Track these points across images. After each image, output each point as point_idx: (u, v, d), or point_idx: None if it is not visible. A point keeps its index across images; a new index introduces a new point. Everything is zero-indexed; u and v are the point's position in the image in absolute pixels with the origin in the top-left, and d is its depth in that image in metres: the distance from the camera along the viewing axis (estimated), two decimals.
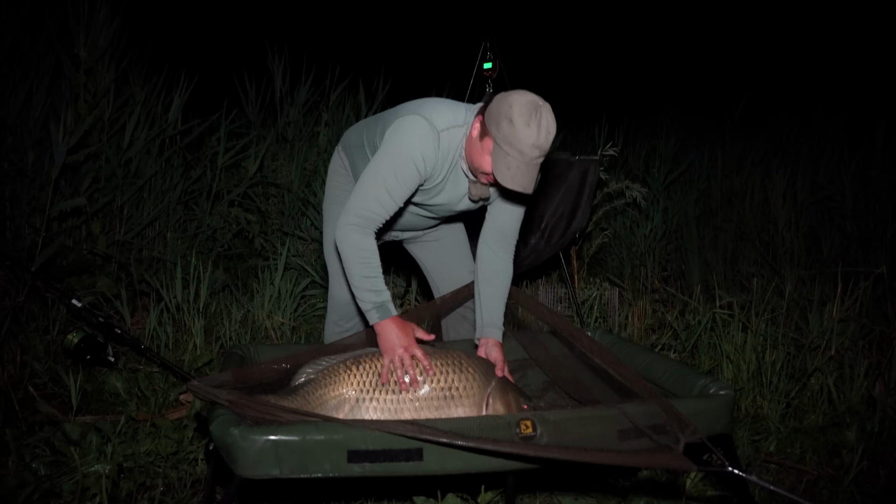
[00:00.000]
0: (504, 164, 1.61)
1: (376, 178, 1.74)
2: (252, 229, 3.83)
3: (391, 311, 1.74)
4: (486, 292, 1.98)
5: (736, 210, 4.49)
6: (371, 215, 1.74)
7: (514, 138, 1.58)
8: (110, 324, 2.38)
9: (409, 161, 1.73)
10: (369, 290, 1.74)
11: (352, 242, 1.73)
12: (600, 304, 3.48)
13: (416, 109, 1.79)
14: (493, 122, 1.62)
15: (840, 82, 7.28)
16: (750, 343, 2.83)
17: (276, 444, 1.32)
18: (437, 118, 1.76)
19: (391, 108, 1.98)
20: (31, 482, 1.87)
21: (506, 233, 1.96)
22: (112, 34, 3.38)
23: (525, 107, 1.59)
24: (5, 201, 3.10)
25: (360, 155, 2.01)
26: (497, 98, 1.65)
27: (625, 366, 1.77)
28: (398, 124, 1.77)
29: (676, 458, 1.40)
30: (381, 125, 1.89)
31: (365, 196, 1.74)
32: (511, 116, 1.58)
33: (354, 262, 1.73)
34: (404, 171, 1.73)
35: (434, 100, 1.87)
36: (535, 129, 1.59)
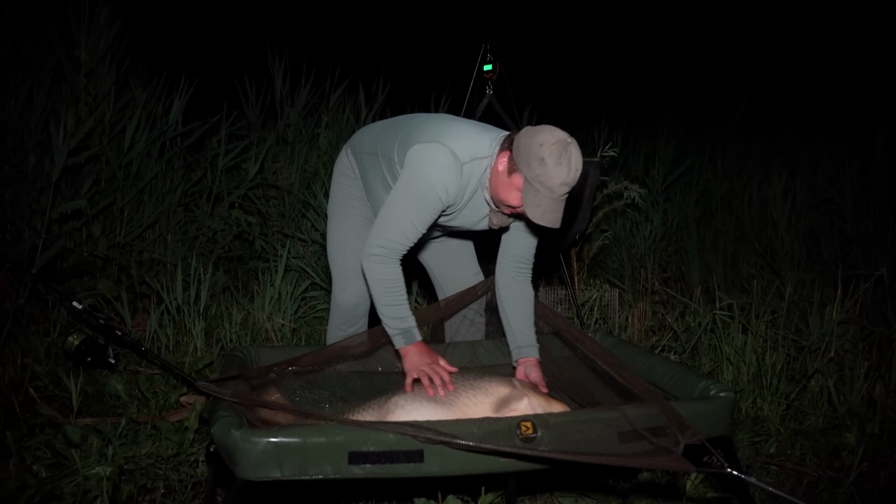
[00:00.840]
0: (534, 201, 1.65)
1: (400, 210, 1.77)
2: (252, 231, 3.83)
3: (416, 336, 1.81)
4: (515, 315, 2.02)
5: (735, 212, 4.49)
6: (396, 246, 1.78)
7: (545, 177, 1.62)
8: (111, 326, 2.37)
9: (433, 192, 1.74)
10: (394, 318, 1.79)
11: (377, 273, 1.78)
12: (600, 305, 3.48)
13: (439, 137, 1.77)
14: (523, 160, 1.65)
15: (839, 85, 7.29)
16: (750, 345, 2.83)
17: (278, 446, 1.33)
18: (461, 149, 1.76)
19: (408, 119, 1.98)
20: (32, 484, 1.87)
21: (524, 259, 2.01)
22: (113, 37, 3.39)
23: (555, 146, 1.62)
24: (6, 203, 3.10)
25: (371, 163, 2.01)
26: (525, 135, 1.67)
27: (625, 368, 1.78)
28: (421, 152, 1.76)
29: (676, 460, 1.40)
30: (398, 139, 1.88)
31: (390, 228, 1.77)
32: (542, 156, 1.61)
33: (379, 292, 1.79)
34: (427, 202, 1.75)
35: (457, 125, 1.86)
36: (566, 167, 1.62)
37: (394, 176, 1.90)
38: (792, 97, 6.71)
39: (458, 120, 1.93)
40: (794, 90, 7.24)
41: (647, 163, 4.78)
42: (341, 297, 2.17)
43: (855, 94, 6.63)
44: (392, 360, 2.10)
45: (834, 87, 7.16)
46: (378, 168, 1.97)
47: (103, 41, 3.34)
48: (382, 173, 1.96)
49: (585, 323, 3.30)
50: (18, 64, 3.29)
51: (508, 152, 1.72)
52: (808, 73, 7.83)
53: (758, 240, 4.30)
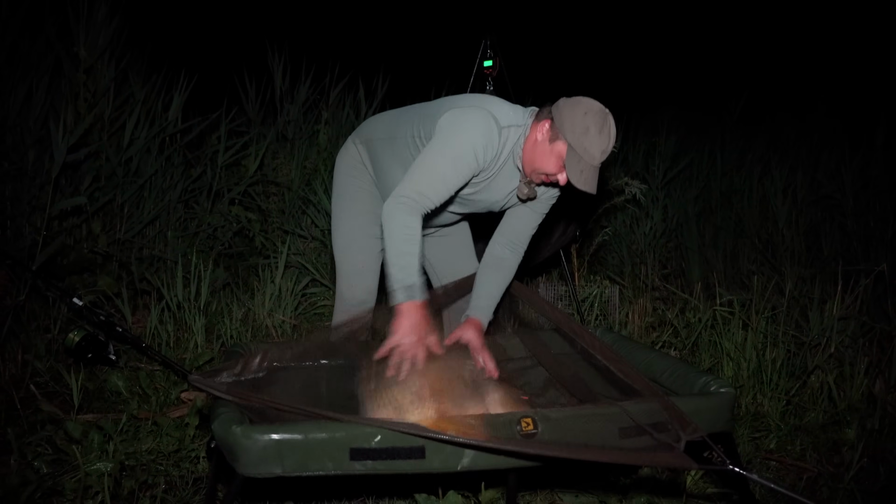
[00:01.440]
0: (578, 168, 1.71)
1: (434, 164, 1.74)
2: (252, 228, 3.83)
3: (417, 294, 1.70)
4: (484, 279, 2.01)
5: (735, 208, 4.49)
6: (423, 199, 1.73)
7: (589, 145, 1.70)
8: (111, 322, 2.37)
9: (471, 151, 1.74)
10: (403, 268, 1.69)
11: (400, 219, 1.70)
12: (601, 301, 3.48)
13: (479, 103, 1.81)
14: (567, 128, 1.70)
15: (840, 81, 7.27)
16: (750, 341, 2.83)
17: (279, 442, 1.32)
18: (500, 113, 1.80)
19: (433, 101, 1.98)
20: (33, 480, 1.87)
21: (520, 234, 2.01)
22: (111, 33, 3.38)
23: (598, 115, 1.71)
24: (6, 200, 3.10)
25: (387, 147, 1.99)
26: (568, 105, 1.73)
27: (626, 363, 1.78)
28: (460, 114, 1.77)
29: (677, 457, 1.40)
30: (425, 116, 1.87)
31: (420, 180, 1.73)
32: (587, 125, 1.70)
33: (397, 238, 1.70)
34: (463, 160, 1.74)
35: (493, 97, 1.91)
36: (607, 136, 1.72)
37: (416, 151, 1.88)
38: (792, 93, 6.70)
39: (490, 95, 1.96)
40: (794, 86, 7.23)
41: (646, 158, 4.78)
42: (348, 293, 2.14)
43: (855, 90, 6.62)
44: None
45: (834, 83, 7.15)
46: (397, 150, 1.94)
47: (102, 37, 3.33)
48: (404, 155, 1.92)
49: (586, 319, 3.30)
50: (17, 60, 3.29)
51: (549, 121, 1.76)
52: (807, 68, 7.82)
53: (758, 236, 4.30)
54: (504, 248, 2.02)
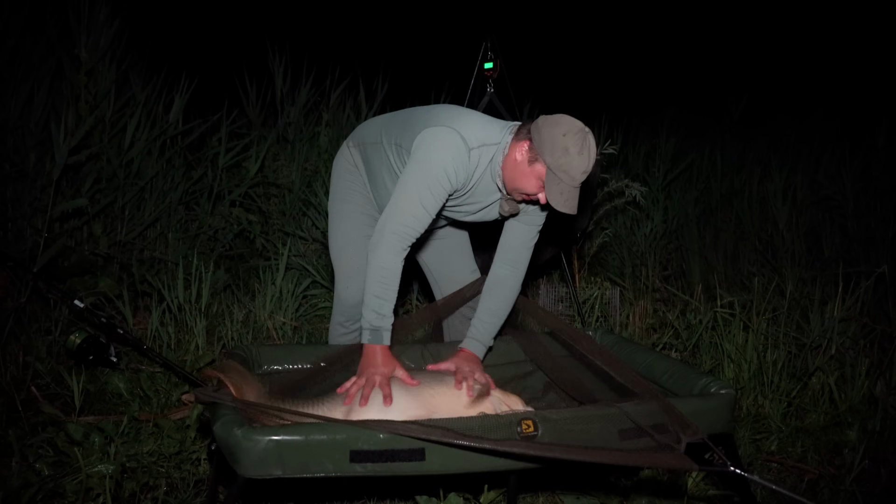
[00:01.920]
0: (557, 189, 1.69)
1: (410, 193, 1.75)
2: (253, 230, 3.83)
3: (384, 339, 1.76)
4: (483, 303, 2.00)
5: (736, 209, 4.49)
6: (407, 230, 1.76)
7: (568, 167, 1.67)
8: (112, 324, 2.38)
9: (443, 173, 1.75)
10: (373, 311, 1.76)
11: (380, 260, 1.75)
12: (601, 303, 3.48)
13: (449, 122, 1.79)
14: (547, 150, 1.68)
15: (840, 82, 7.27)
16: (751, 342, 2.83)
17: (279, 444, 1.33)
18: (470, 134, 1.78)
19: (416, 108, 1.99)
20: (34, 482, 1.87)
21: (516, 249, 1.99)
22: (112, 35, 3.38)
23: (577, 135, 1.67)
24: (7, 202, 3.10)
25: (376, 152, 2.01)
26: (546, 125, 1.70)
27: (626, 366, 1.78)
28: (430, 136, 1.77)
29: (678, 458, 1.40)
30: (407, 126, 1.89)
31: (401, 212, 1.75)
32: (566, 146, 1.66)
33: (373, 280, 1.76)
34: (437, 184, 1.75)
35: (467, 113, 1.89)
36: (586, 156, 1.68)
37: (402, 162, 1.89)
38: (792, 94, 6.70)
39: (467, 109, 1.95)
40: (794, 87, 7.23)
41: (647, 160, 4.78)
42: (345, 294, 2.15)
43: (856, 92, 6.62)
44: None
45: (834, 85, 7.15)
46: (384, 156, 1.97)
47: (103, 39, 3.34)
48: (388, 161, 1.95)
49: (586, 321, 3.30)
50: (19, 62, 3.29)
51: (528, 142, 1.74)
52: (808, 70, 7.82)
53: (758, 237, 4.30)
54: (503, 267, 2.00)
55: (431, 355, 2.14)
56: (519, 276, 2.01)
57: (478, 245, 2.33)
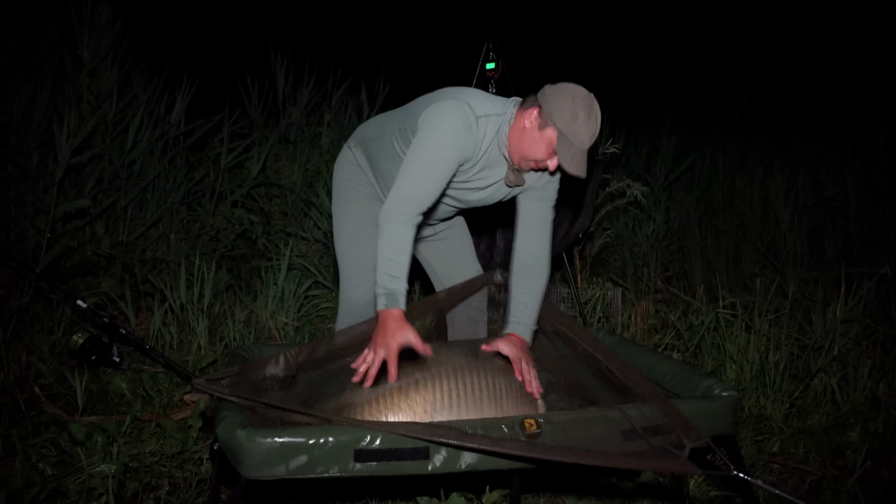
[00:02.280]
0: (569, 153, 1.73)
1: (420, 161, 1.76)
2: (255, 230, 3.84)
3: (400, 302, 1.70)
4: (517, 289, 1.96)
5: (738, 210, 4.49)
6: (419, 197, 1.76)
7: (579, 130, 1.72)
8: (115, 324, 2.39)
9: (452, 139, 1.76)
10: (386, 273, 1.71)
11: (392, 227, 1.74)
12: (603, 304, 3.48)
13: (456, 94, 1.83)
14: (557, 116, 1.72)
15: (842, 83, 7.27)
16: (753, 343, 2.83)
17: (282, 444, 1.33)
18: (477, 105, 1.82)
19: (419, 98, 1.99)
20: (37, 482, 1.87)
21: (535, 227, 1.97)
22: (115, 36, 3.39)
23: (585, 100, 1.73)
24: (10, 203, 3.11)
25: (380, 146, 2.01)
26: (554, 93, 1.75)
27: (629, 367, 1.78)
28: (437, 108, 1.79)
29: (681, 463, 1.40)
30: (411, 111, 1.91)
31: (411, 180, 1.76)
32: (576, 111, 1.72)
33: (386, 246, 1.73)
34: (447, 150, 1.77)
35: (470, 89, 1.93)
36: (594, 121, 1.74)
37: (407, 144, 1.90)
38: (794, 95, 6.70)
39: (469, 87, 1.97)
40: (795, 88, 7.22)
41: (648, 161, 4.78)
42: (353, 294, 2.13)
43: (858, 92, 6.61)
44: None
45: (836, 85, 7.15)
46: (388, 147, 1.97)
47: (105, 40, 3.34)
48: (394, 150, 1.95)
49: (588, 321, 3.30)
50: (21, 63, 3.30)
51: (537, 108, 1.77)
52: (810, 70, 7.82)
53: (760, 238, 4.30)
54: (526, 247, 1.97)
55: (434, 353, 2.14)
56: (547, 254, 1.99)
57: (482, 243, 2.33)
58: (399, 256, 1.72)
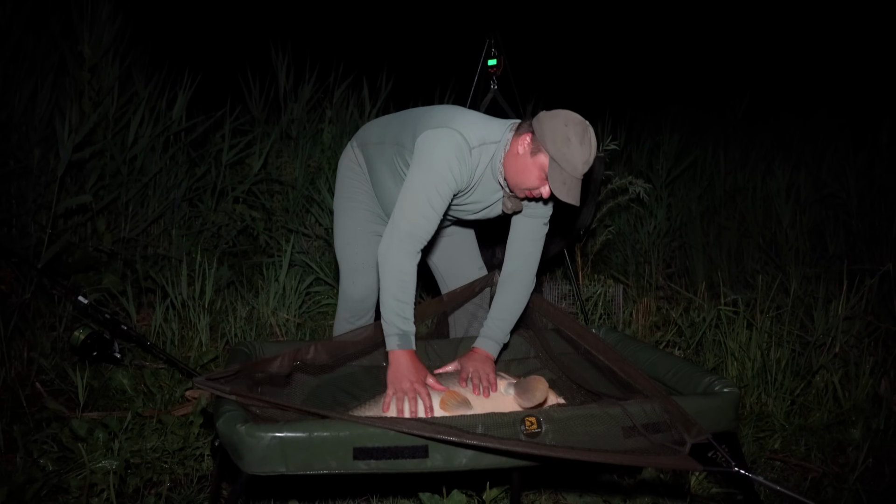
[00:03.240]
0: (560, 179, 1.71)
1: (417, 194, 1.76)
2: (257, 226, 3.83)
3: (411, 343, 1.76)
4: (498, 302, 1.99)
5: (739, 207, 4.48)
6: (418, 232, 1.76)
7: (570, 156, 1.68)
8: (116, 320, 2.39)
9: (448, 173, 1.75)
10: (398, 315, 1.75)
11: (394, 262, 1.75)
12: (605, 301, 3.47)
13: (448, 122, 1.80)
14: (549, 140, 1.70)
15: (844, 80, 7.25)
16: (755, 340, 2.82)
17: (283, 441, 1.33)
18: (470, 133, 1.79)
19: (418, 109, 1.99)
20: (39, 478, 1.87)
21: (525, 243, 1.99)
22: (115, 31, 3.39)
23: (578, 126, 1.70)
24: (11, 199, 3.11)
25: (378, 152, 2.01)
26: (548, 118, 1.73)
27: (630, 364, 1.78)
28: (431, 137, 1.77)
29: (682, 459, 1.40)
30: (409, 127, 1.89)
31: (410, 214, 1.75)
32: (568, 136, 1.69)
33: (392, 284, 1.75)
34: (442, 184, 1.76)
35: (467, 113, 1.89)
36: (588, 147, 1.71)
37: (402, 160, 1.90)
38: (795, 92, 6.68)
39: (467, 110, 1.95)
40: (797, 85, 7.20)
41: (650, 157, 4.77)
42: (350, 289, 2.16)
43: (860, 89, 6.60)
44: None
45: (838, 82, 7.13)
46: (386, 156, 1.97)
47: (106, 36, 3.34)
48: (391, 160, 1.96)
49: (590, 318, 3.30)
50: (22, 59, 3.30)
51: (530, 134, 1.75)
52: (811, 67, 7.79)
53: (762, 235, 4.29)
54: (513, 263, 1.99)
55: (436, 352, 2.15)
56: (531, 271, 2.00)
57: (485, 241, 2.33)
58: (407, 296, 1.75)
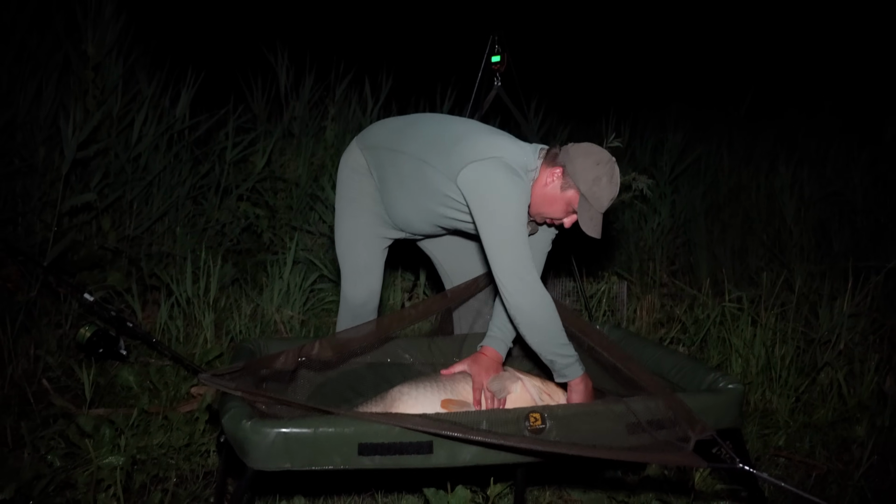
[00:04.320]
0: (588, 215, 1.78)
1: (509, 239, 1.74)
2: (261, 224, 3.84)
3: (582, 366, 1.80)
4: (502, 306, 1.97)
5: (743, 204, 4.47)
6: (527, 266, 1.74)
7: (600, 194, 1.76)
8: (122, 318, 2.39)
9: (521, 209, 1.77)
10: (567, 344, 1.78)
11: (535, 300, 1.73)
12: (608, 298, 3.48)
13: (494, 151, 1.79)
14: (581, 178, 1.76)
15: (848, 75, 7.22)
16: (759, 337, 2.82)
17: (288, 437, 1.33)
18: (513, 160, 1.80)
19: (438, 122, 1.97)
20: (46, 474, 1.89)
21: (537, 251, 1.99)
22: (119, 30, 3.39)
23: (608, 165, 1.78)
24: (17, 197, 3.13)
25: (391, 159, 1.95)
26: (580, 156, 1.77)
27: (634, 361, 1.78)
28: (487, 175, 1.75)
29: (687, 456, 1.40)
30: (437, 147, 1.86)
31: (515, 259, 1.74)
32: (599, 175, 1.76)
33: (549, 320, 1.75)
34: (519, 218, 1.77)
35: (499, 136, 1.89)
36: (615, 186, 1.79)
37: (421, 174, 1.87)
38: (799, 89, 6.66)
39: (490, 128, 1.95)
40: (801, 82, 7.18)
41: (654, 154, 4.76)
42: (352, 292, 2.12)
43: (863, 86, 6.57)
44: (399, 351, 2.11)
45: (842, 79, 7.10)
46: (402, 167, 1.92)
47: (109, 35, 3.34)
48: (410, 173, 1.91)
49: (593, 315, 3.30)
50: (26, 58, 3.31)
51: (561, 169, 1.79)
52: (815, 64, 7.77)
53: (766, 232, 4.28)
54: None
55: (440, 349, 2.15)
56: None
57: None
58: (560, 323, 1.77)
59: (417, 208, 1.94)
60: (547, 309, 1.74)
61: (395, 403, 1.73)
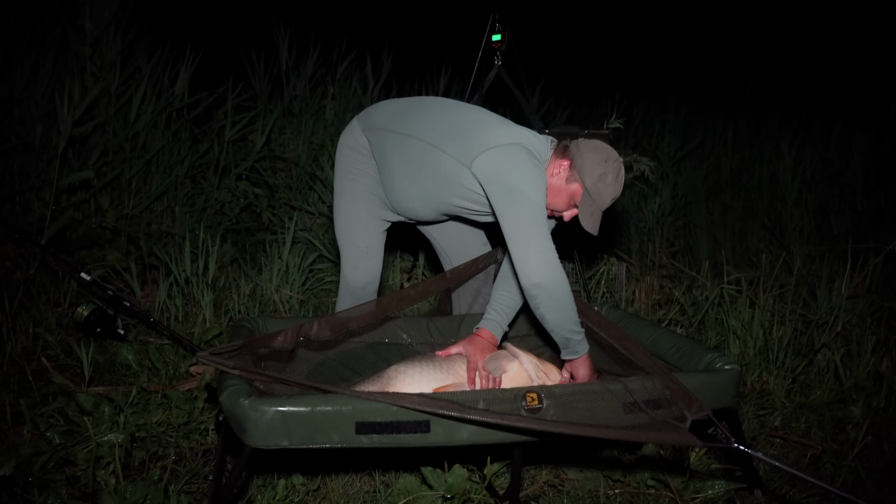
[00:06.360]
0: (589, 210, 1.81)
1: (536, 218, 1.75)
2: (260, 203, 3.83)
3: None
4: (498, 289, 2.00)
5: (745, 186, 4.46)
6: (553, 249, 1.75)
7: (604, 191, 1.80)
8: (119, 297, 2.40)
9: (543, 192, 1.79)
10: (579, 321, 1.80)
11: (563, 275, 1.74)
12: (607, 279, 3.47)
13: (515, 137, 1.81)
14: (587, 173, 1.79)
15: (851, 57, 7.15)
16: (757, 319, 2.83)
17: (286, 415, 1.34)
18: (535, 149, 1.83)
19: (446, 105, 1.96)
20: (46, 450, 1.90)
21: None
22: (117, 6, 3.34)
23: (615, 163, 1.81)
24: (14, 175, 3.11)
25: (395, 142, 1.92)
26: (589, 151, 1.80)
27: (631, 341, 1.78)
28: (512, 161, 1.76)
29: (683, 435, 1.41)
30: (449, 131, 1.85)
31: (541, 239, 1.73)
32: (605, 172, 1.79)
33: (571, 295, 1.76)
34: (543, 201, 1.79)
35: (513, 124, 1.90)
36: (619, 185, 1.82)
37: (430, 157, 1.85)
38: (803, 71, 6.60)
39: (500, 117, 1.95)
40: (805, 64, 7.12)
41: (657, 137, 4.74)
42: (353, 275, 2.11)
43: (867, 68, 6.52)
44: (398, 330, 2.11)
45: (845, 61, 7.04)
46: (409, 151, 1.89)
47: (108, 10, 3.30)
48: (415, 158, 1.89)
49: (592, 296, 3.30)
50: (23, 34, 3.27)
51: (569, 161, 1.82)
52: (819, 46, 7.69)
53: (767, 214, 4.28)
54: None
55: (438, 329, 2.15)
56: None
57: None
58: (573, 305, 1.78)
59: (423, 195, 1.93)
60: (567, 287, 1.75)
61: (392, 382, 1.74)
